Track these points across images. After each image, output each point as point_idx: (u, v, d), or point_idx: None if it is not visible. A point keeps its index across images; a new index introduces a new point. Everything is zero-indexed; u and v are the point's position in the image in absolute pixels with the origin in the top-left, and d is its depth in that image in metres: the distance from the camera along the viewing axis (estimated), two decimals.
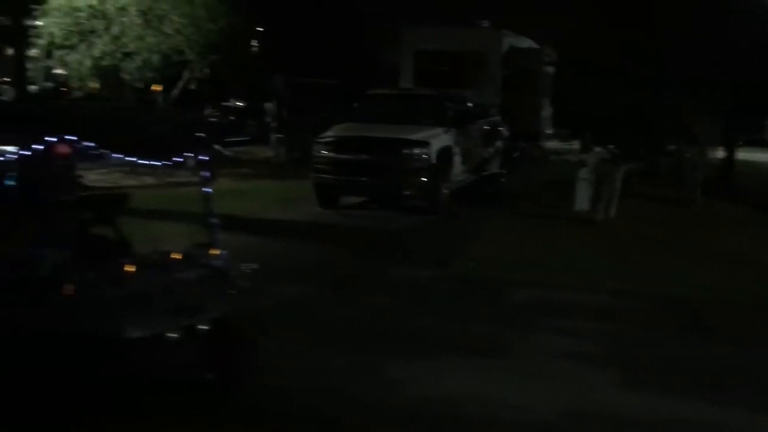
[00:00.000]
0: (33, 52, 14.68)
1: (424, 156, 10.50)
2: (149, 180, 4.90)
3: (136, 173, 4.69)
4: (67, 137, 3.75)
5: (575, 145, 14.74)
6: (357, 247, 8.56)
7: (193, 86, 17.78)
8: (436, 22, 18.06)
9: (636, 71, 9.88)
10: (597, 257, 8.17)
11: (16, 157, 3.90)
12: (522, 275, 7.33)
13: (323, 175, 10.80)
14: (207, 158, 4.27)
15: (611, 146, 10.59)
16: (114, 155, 3.99)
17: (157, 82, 15.81)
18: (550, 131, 18.62)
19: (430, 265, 7.61)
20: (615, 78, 10.04)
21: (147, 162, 4.20)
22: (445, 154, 11.00)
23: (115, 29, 14.72)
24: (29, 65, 13.11)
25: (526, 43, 18.01)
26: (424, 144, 10.58)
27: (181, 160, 4.21)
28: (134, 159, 4.10)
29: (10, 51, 12.38)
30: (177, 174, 4.43)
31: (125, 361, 3.73)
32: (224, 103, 24.37)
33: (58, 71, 15.51)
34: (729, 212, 11.48)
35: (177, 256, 4.22)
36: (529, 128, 16.29)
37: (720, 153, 14.28)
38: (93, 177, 4.55)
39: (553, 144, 20.63)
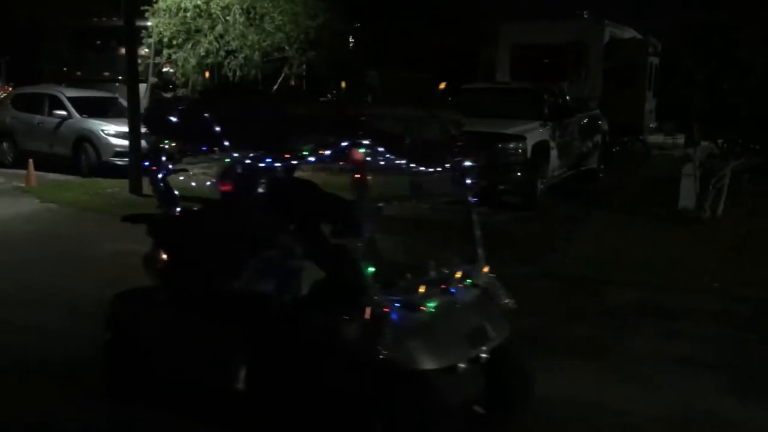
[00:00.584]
0: (143, 51, 15.42)
1: (519, 150, 10.32)
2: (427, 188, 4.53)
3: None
4: (359, 141, 3.30)
5: (680, 139, 14.05)
6: (447, 243, 8.49)
7: (292, 82, 18.17)
8: (536, 14, 17.74)
9: (750, 60, 9.30)
10: (702, 257, 7.76)
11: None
12: (620, 275, 7.08)
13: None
14: (474, 164, 3.83)
15: (720, 140, 10.02)
16: (398, 162, 3.51)
17: (257, 79, 16.24)
18: (653, 125, 17.91)
19: (524, 263, 7.45)
20: (726, 68, 9.50)
21: (426, 169, 3.75)
22: (542, 148, 10.77)
23: (219, 28, 15.25)
24: (139, 62, 13.80)
25: (629, 33, 17.39)
26: (519, 138, 10.39)
27: (457, 166, 3.76)
28: (416, 166, 3.64)
29: (122, 50, 13.15)
30: (447, 182, 3.93)
31: (416, 393, 3.32)
32: (322, 99, 24.86)
33: (165, 69, 16.20)
34: None
35: (458, 275, 3.80)
36: (631, 122, 15.74)
37: None
38: None
39: (657, 138, 19.84)
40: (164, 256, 4.07)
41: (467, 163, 3.82)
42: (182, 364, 3.90)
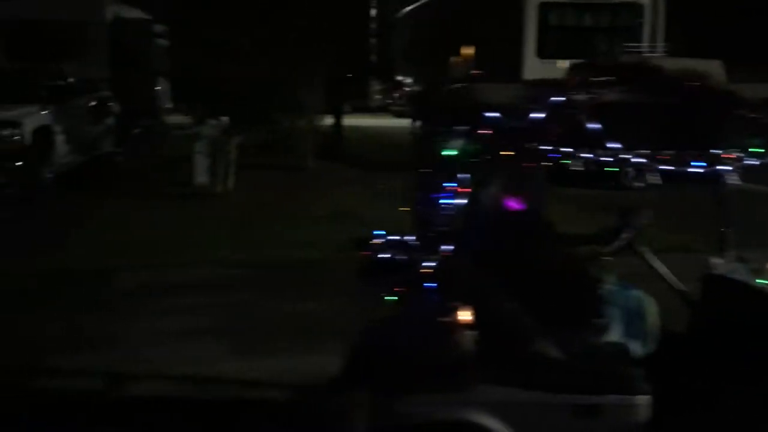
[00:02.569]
0: None
1: (16, 137, 9.31)
2: None
3: None
4: None
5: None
6: None
7: None
8: None
9: (239, 42, 9.98)
10: (213, 230, 8.13)
11: None
12: (132, 259, 6.95)
13: None
14: None
15: (223, 118, 10.61)
16: None
17: None
18: (169, 105, 18.12)
19: (19, 260, 6.74)
20: (221, 50, 10.03)
21: None
22: (44, 134, 9.91)
23: None
24: None
25: (135, 13, 17.13)
26: (14, 124, 9.37)
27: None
28: None
29: None
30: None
31: None
32: None
33: None
34: (339, 175, 12.41)
35: None
36: (145, 103, 15.62)
37: (329, 120, 15.38)
38: None
39: (176, 119, 20.18)
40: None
41: None
42: None
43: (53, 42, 13.96)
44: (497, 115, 2.50)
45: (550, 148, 2.56)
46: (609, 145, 2.54)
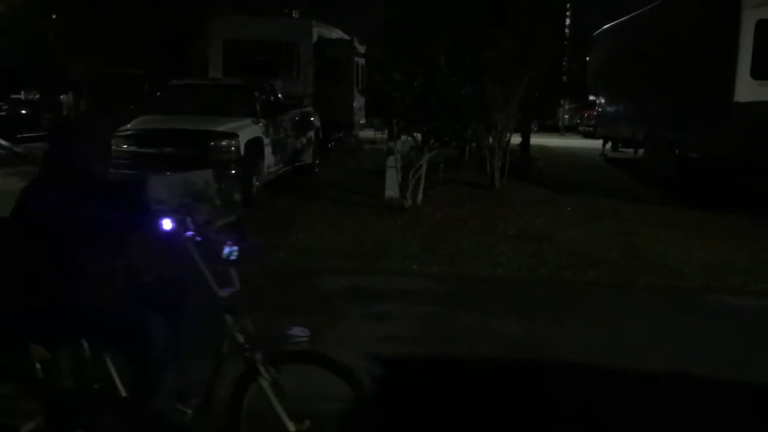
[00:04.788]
0: None
1: (232, 148, 10.23)
2: None
3: None
4: None
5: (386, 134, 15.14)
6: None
7: None
8: (246, 11, 17.74)
9: (436, 60, 10.21)
10: (403, 242, 8.39)
11: None
12: (333, 263, 7.36)
13: (126, 171, 10.14)
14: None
15: (416, 134, 10.92)
16: None
17: None
18: (363, 121, 19.00)
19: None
20: (417, 67, 10.33)
21: None
22: (255, 145, 10.80)
23: None
24: None
25: (337, 33, 18.20)
26: (231, 135, 10.30)
27: None
28: None
29: None
30: None
31: None
32: (14, 96, 22.27)
33: None
34: (526, 194, 12.31)
35: None
36: (342, 118, 16.50)
37: (517, 138, 15.31)
38: None
39: (368, 134, 21.09)
40: None
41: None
42: None
43: (268, 60, 15.22)
44: None
45: None
46: None
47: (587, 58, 21.22)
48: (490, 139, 12.93)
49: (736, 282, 6.99)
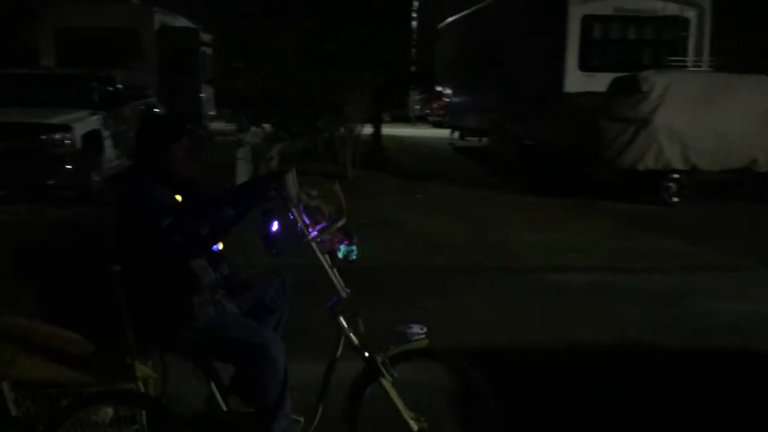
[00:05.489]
0: None
1: (66, 141, 9.59)
2: None
3: None
4: None
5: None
6: None
7: None
8: None
9: (284, 52, 10.14)
10: (253, 234, 8.23)
11: None
12: None
13: None
14: None
15: (266, 125, 10.80)
16: None
17: None
18: (213, 112, 18.46)
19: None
20: (265, 58, 10.21)
21: None
22: (93, 138, 10.20)
23: None
24: None
25: (182, 21, 17.55)
26: (64, 128, 9.66)
27: None
28: None
29: None
30: None
31: None
32: None
33: None
34: (378, 183, 12.51)
35: None
36: (190, 109, 15.95)
37: (369, 129, 15.51)
38: None
39: (219, 125, 20.53)
40: None
41: None
42: None
43: (107, 49, 14.39)
44: None
45: None
46: None
47: (435, 49, 21.87)
48: (342, 130, 13.01)
49: (567, 261, 7.51)
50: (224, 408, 3.11)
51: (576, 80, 11.54)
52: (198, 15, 17.83)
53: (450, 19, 20.35)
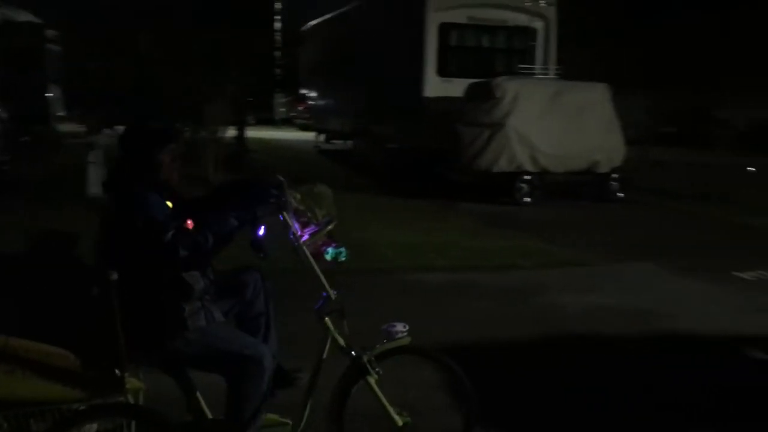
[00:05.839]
0: None
1: None
2: None
3: None
4: None
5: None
6: None
7: None
8: None
9: (144, 53, 9.77)
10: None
11: None
12: None
13: None
14: None
15: (120, 127, 10.32)
16: None
17: None
18: (62, 113, 17.40)
19: None
20: (123, 59, 9.78)
21: None
22: None
23: None
24: None
25: (25, 16, 16.40)
26: None
27: None
28: None
29: None
30: None
31: None
32: None
33: None
34: None
35: None
36: (36, 110, 14.95)
37: (233, 132, 15.23)
38: None
39: (70, 127, 19.37)
40: None
41: None
42: None
43: None
44: None
45: None
46: None
47: (299, 52, 21.82)
48: (203, 133, 12.69)
49: (426, 261, 7.74)
50: (209, 416, 3.07)
51: (435, 86, 11.93)
52: (44, 10, 16.71)
53: (313, 22, 20.37)
